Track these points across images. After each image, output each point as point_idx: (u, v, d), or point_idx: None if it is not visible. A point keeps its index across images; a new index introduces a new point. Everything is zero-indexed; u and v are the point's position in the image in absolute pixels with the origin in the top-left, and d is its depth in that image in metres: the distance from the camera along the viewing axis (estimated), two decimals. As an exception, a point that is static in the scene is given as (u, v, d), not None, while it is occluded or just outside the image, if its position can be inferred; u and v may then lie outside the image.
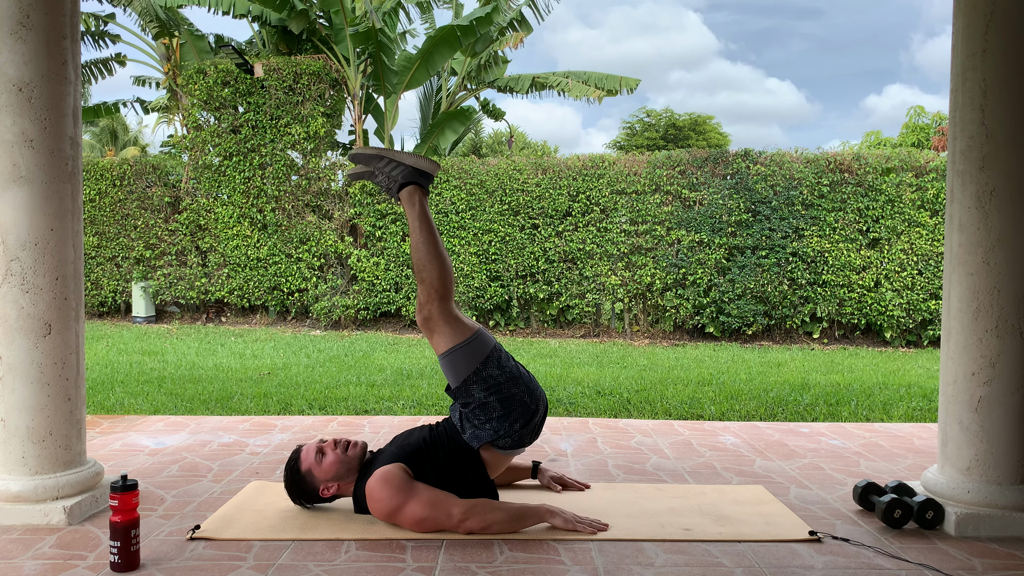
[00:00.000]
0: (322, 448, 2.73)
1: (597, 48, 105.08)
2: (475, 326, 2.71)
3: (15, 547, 2.46)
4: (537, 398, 2.72)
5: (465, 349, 2.65)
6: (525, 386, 2.69)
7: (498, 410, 2.64)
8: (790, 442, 4.03)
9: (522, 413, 2.67)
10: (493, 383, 2.64)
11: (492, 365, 2.65)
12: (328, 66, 10.67)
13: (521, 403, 2.66)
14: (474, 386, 2.64)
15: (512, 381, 2.67)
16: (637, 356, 8.13)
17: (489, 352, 2.67)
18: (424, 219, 2.73)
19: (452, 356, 2.64)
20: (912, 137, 21.62)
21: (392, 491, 2.55)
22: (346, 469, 2.71)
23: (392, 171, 2.81)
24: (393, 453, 2.69)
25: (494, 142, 32.31)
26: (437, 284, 2.65)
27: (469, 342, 2.65)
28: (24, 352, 2.68)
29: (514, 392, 2.66)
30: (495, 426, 2.65)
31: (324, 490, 2.71)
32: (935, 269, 9.45)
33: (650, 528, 2.67)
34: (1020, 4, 2.66)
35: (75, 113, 2.80)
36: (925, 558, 2.45)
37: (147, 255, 11.01)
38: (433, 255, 2.68)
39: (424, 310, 2.66)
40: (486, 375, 2.64)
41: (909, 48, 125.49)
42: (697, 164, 9.89)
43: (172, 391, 5.51)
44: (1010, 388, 2.68)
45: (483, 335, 2.70)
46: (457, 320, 2.67)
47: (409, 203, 2.77)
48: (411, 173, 2.79)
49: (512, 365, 2.71)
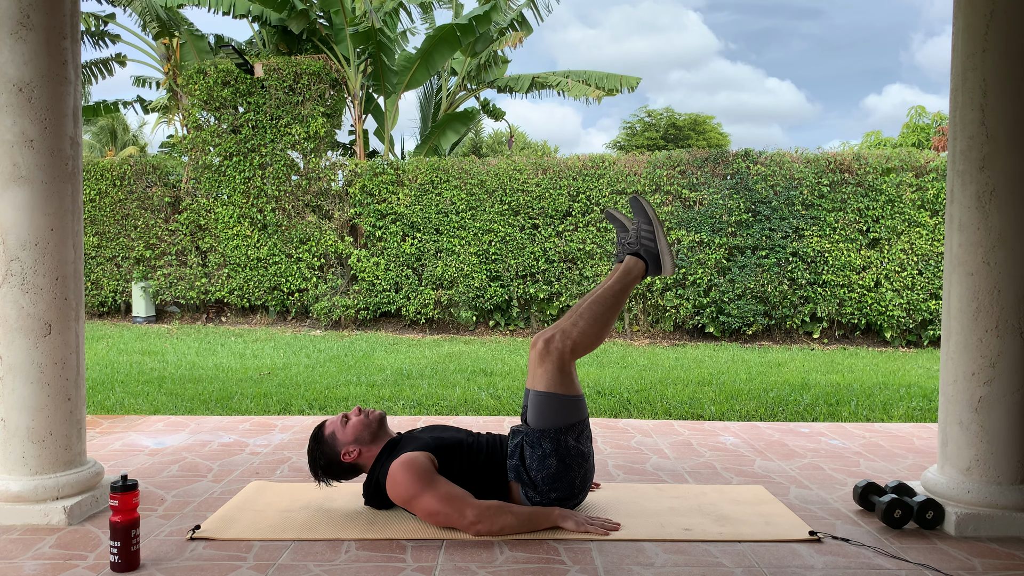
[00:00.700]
0: (347, 415, 2.79)
1: (597, 48, 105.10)
2: (581, 391, 2.74)
3: (15, 547, 2.46)
4: (586, 487, 2.75)
5: (564, 401, 2.66)
6: (586, 471, 2.71)
7: (552, 472, 2.66)
8: (790, 442, 4.03)
9: (566, 489, 2.69)
10: (564, 450, 2.65)
11: (574, 434, 2.67)
12: (328, 66, 10.67)
13: (571, 482, 2.68)
14: (547, 440, 2.65)
15: (580, 459, 2.68)
16: (637, 356, 8.13)
17: (580, 420, 2.69)
18: (625, 291, 2.81)
19: (549, 399, 2.66)
20: (912, 137, 21.62)
21: (414, 478, 2.56)
22: (369, 433, 2.74)
23: (646, 240, 2.90)
24: (426, 442, 2.70)
25: (494, 142, 32.31)
26: (585, 342, 2.70)
27: (571, 400, 2.68)
28: (24, 352, 2.68)
29: (574, 469, 2.67)
30: (538, 479, 2.67)
31: (345, 454, 2.73)
32: (935, 269, 9.45)
33: (650, 528, 2.67)
34: (1020, 4, 2.66)
35: (75, 113, 2.80)
36: (925, 558, 2.45)
37: (147, 255, 11.01)
38: (605, 322, 2.74)
39: (555, 343, 2.67)
40: (564, 440, 2.65)
41: (909, 48, 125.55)
42: (697, 164, 9.89)
43: (172, 391, 5.51)
44: (1010, 388, 2.68)
45: (583, 403, 2.73)
46: (573, 374, 2.71)
47: (627, 273, 2.84)
48: (653, 255, 2.88)
49: (588, 447, 2.73)
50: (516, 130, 33.46)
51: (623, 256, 2.91)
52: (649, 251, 2.88)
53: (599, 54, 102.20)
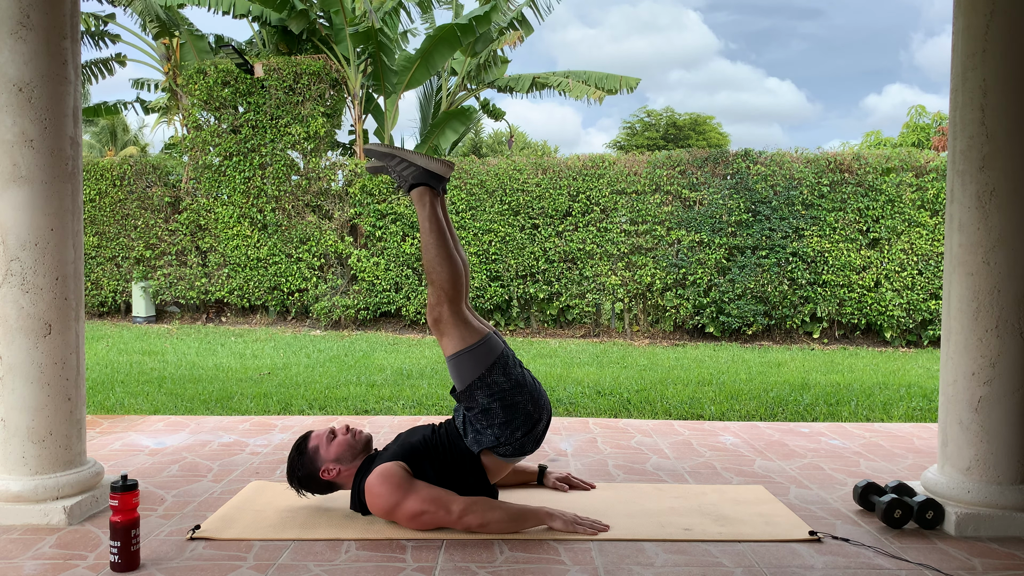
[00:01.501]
0: (334, 431, 2.77)
1: (597, 47, 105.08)
2: (485, 330, 2.70)
3: (15, 547, 2.46)
4: (541, 407, 2.71)
5: (472, 353, 2.63)
6: (530, 394, 2.68)
7: (500, 416, 2.64)
8: (790, 442, 4.03)
9: (524, 421, 2.66)
10: (497, 389, 2.63)
11: (498, 371, 2.64)
12: (328, 66, 10.67)
13: (524, 411, 2.66)
14: (478, 391, 2.63)
15: (517, 388, 2.66)
16: (637, 356, 8.13)
17: (496, 358, 2.66)
18: (434, 220, 2.71)
19: (458, 359, 2.64)
20: (912, 137, 21.63)
21: (391, 488, 2.56)
22: (351, 454, 2.72)
23: (404, 170, 2.80)
24: (395, 451, 2.70)
25: (494, 142, 32.31)
26: (447, 286, 2.64)
27: (477, 346, 2.64)
28: (24, 352, 2.68)
29: (518, 400, 2.65)
30: (496, 432, 2.65)
31: (324, 472, 2.71)
32: (935, 269, 9.45)
33: (650, 528, 2.67)
34: (1020, 4, 2.66)
35: (75, 113, 2.80)
36: (925, 558, 2.45)
37: (147, 255, 11.01)
38: (443, 256, 2.66)
39: (434, 311, 2.65)
40: (491, 381, 2.63)
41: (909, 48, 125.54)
42: (697, 164, 9.88)
43: (172, 391, 5.51)
44: (1010, 388, 2.68)
45: (492, 340, 2.68)
46: (467, 323, 2.66)
47: (419, 203, 2.76)
48: (422, 174, 2.78)
49: (519, 372, 2.70)
50: (516, 130, 33.46)
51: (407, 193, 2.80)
52: (416, 176, 2.78)
53: (599, 54, 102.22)
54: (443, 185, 2.82)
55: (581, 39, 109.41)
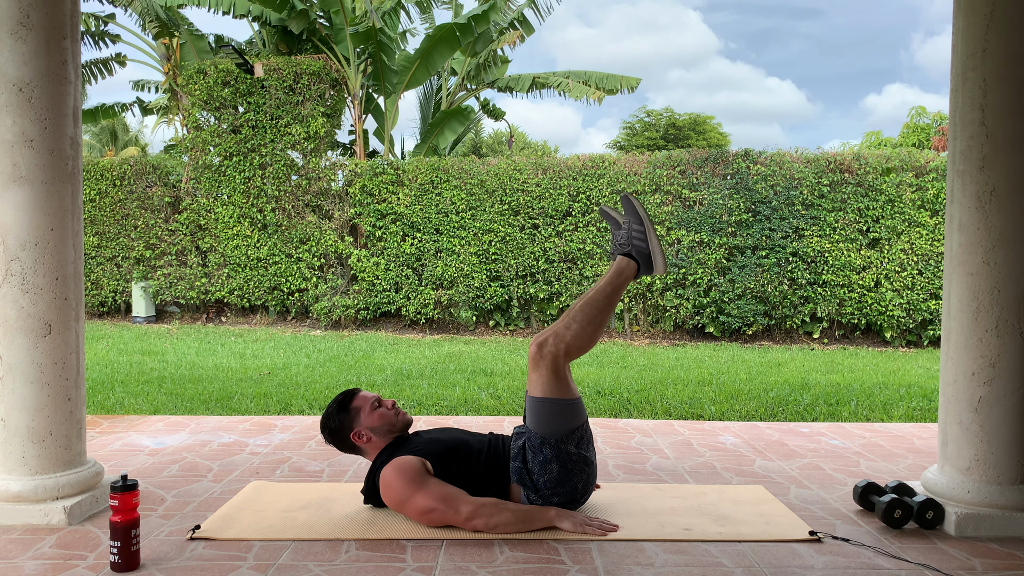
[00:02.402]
0: (380, 400, 2.80)
1: (596, 47, 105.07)
2: (578, 393, 2.73)
3: (15, 547, 2.46)
4: (588, 489, 2.74)
5: (562, 407, 2.66)
6: (588, 475, 2.71)
7: (554, 477, 2.65)
8: (790, 442, 4.03)
9: (569, 493, 2.69)
10: (565, 457, 2.65)
11: (574, 440, 2.67)
12: (328, 66, 10.67)
13: (574, 487, 2.68)
14: (547, 447, 2.65)
15: (581, 465, 2.68)
16: (637, 356, 8.13)
17: (579, 425, 2.68)
18: (616, 295, 2.78)
19: (546, 405, 2.65)
20: (913, 137, 21.63)
21: (405, 481, 2.58)
22: (388, 429, 2.76)
23: (637, 240, 2.88)
24: (423, 446, 2.71)
25: (494, 142, 32.32)
26: (578, 344, 2.68)
27: (568, 403, 2.67)
28: (24, 352, 2.68)
29: (576, 476, 2.67)
30: (539, 483, 2.66)
31: (356, 435, 2.75)
32: (935, 269, 9.45)
33: (650, 528, 2.67)
34: (1020, 4, 2.66)
35: (75, 113, 2.80)
36: (925, 558, 2.45)
37: (147, 255, 11.01)
38: (599, 325, 2.72)
39: (548, 346, 2.66)
40: (564, 447, 2.65)
41: (909, 47, 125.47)
42: (697, 164, 9.89)
43: (172, 391, 5.51)
44: (1010, 388, 2.68)
45: (580, 405, 2.71)
46: (569, 377, 2.70)
47: (619, 272, 2.82)
48: (644, 254, 2.86)
49: (590, 452, 2.72)
50: (516, 130, 33.46)
51: (619, 254, 2.90)
52: (640, 251, 2.86)
53: (598, 53, 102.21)
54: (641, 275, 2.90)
55: (581, 39, 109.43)
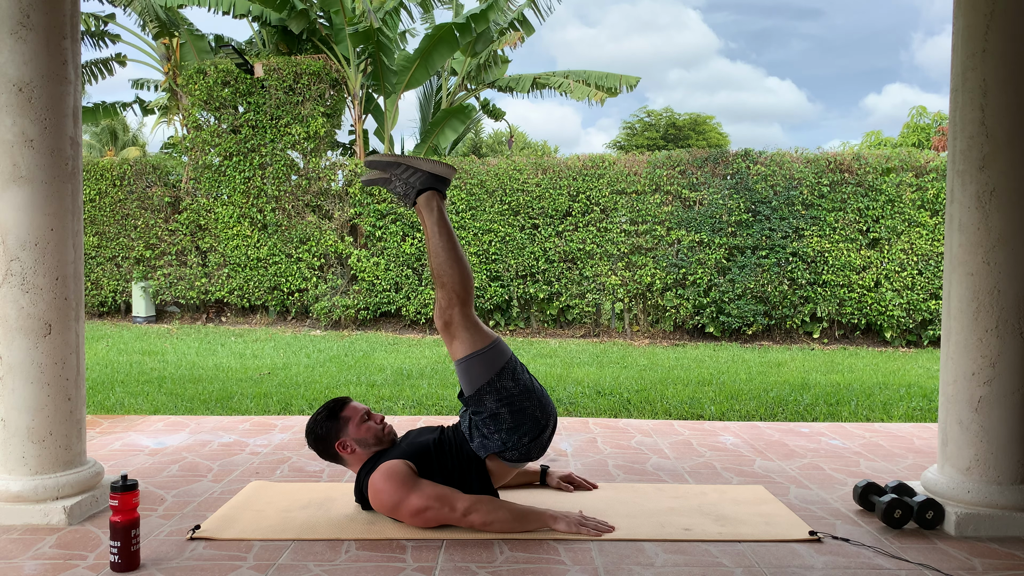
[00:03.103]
0: (370, 413, 2.78)
1: (596, 46, 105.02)
2: (493, 335, 2.71)
3: (15, 547, 2.46)
4: (548, 413, 2.72)
5: (482, 357, 2.64)
6: (538, 400, 2.69)
7: (508, 422, 2.64)
8: (790, 442, 4.03)
9: (532, 427, 2.67)
10: (506, 394, 2.64)
11: (507, 376, 2.65)
12: (328, 66, 10.67)
13: (532, 417, 2.66)
14: (487, 396, 2.64)
15: (525, 394, 2.67)
16: (637, 356, 8.13)
17: (505, 363, 2.67)
18: (443, 224, 2.72)
19: (468, 363, 2.64)
20: (913, 137, 21.63)
21: (395, 485, 2.57)
22: (374, 443, 2.74)
23: (410, 177, 2.80)
24: (402, 450, 2.71)
25: (494, 142, 32.32)
26: (459, 288, 2.65)
27: (486, 350, 2.65)
28: (24, 352, 2.68)
29: (526, 405, 2.66)
30: (503, 438, 2.65)
31: (341, 445, 2.73)
32: (935, 269, 9.45)
33: (650, 528, 2.67)
34: (1020, 4, 2.66)
35: (75, 113, 2.80)
36: (925, 558, 2.45)
37: (147, 255, 11.01)
38: (453, 259, 2.68)
39: (444, 315, 2.65)
40: (500, 386, 2.64)
41: (909, 47, 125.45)
42: (697, 164, 9.89)
43: (172, 391, 5.51)
44: (1010, 388, 2.68)
45: (501, 345, 2.70)
46: (476, 327, 2.67)
47: (427, 208, 2.76)
48: (429, 179, 2.78)
49: (527, 378, 2.71)
50: (516, 130, 33.47)
51: (413, 201, 2.81)
52: (424, 180, 2.78)
53: (598, 53, 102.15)
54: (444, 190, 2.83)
55: (580, 38, 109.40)
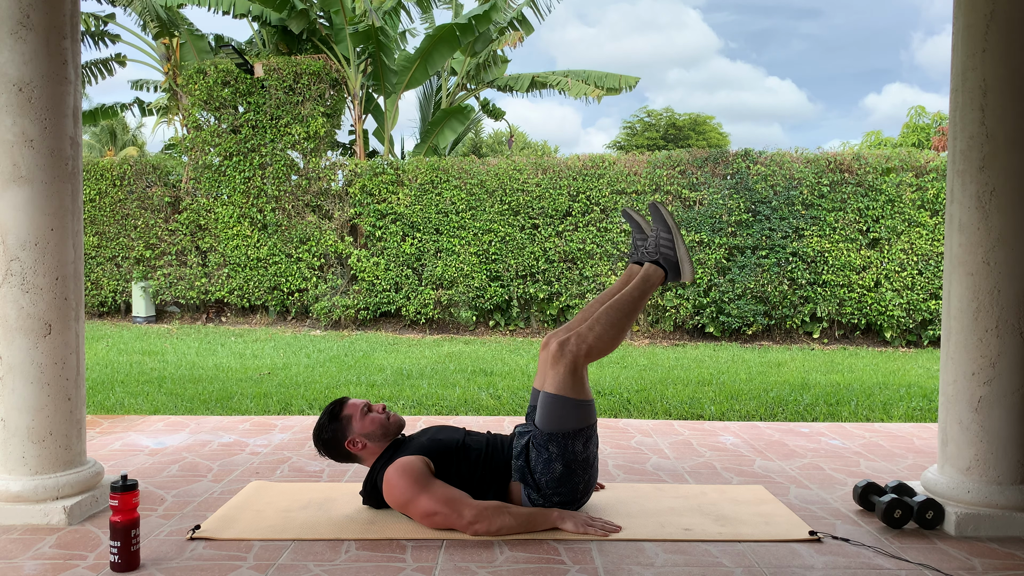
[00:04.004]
0: (370, 405, 2.78)
1: (596, 46, 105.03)
2: (591, 396, 2.74)
3: (15, 547, 2.46)
4: (589, 492, 2.76)
5: (575, 406, 2.66)
6: (591, 476, 2.72)
7: (557, 476, 2.66)
8: (790, 442, 4.03)
9: (569, 494, 2.69)
10: (571, 455, 2.65)
11: (581, 440, 2.67)
12: (328, 66, 10.67)
13: (575, 487, 2.69)
14: (554, 444, 2.65)
15: (585, 465, 2.69)
16: (637, 356, 8.13)
17: (589, 426, 2.69)
18: (642, 302, 2.80)
19: (560, 402, 2.65)
20: (912, 137, 21.63)
21: (409, 482, 2.57)
22: (382, 433, 2.74)
23: (664, 248, 2.91)
24: (422, 445, 2.71)
25: (494, 142, 32.32)
26: (601, 347, 2.70)
27: (581, 404, 2.67)
28: (24, 352, 2.68)
29: (579, 475, 2.68)
30: (542, 484, 2.67)
31: (351, 443, 2.74)
32: (935, 269, 9.45)
33: (650, 528, 2.67)
34: (1020, 4, 2.66)
35: (75, 113, 2.80)
36: (925, 558, 2.45)
37: (147, 255, 11.01)
38: (623, 331, 2.74)
39: (570, 346, 2.66)
40: (572, 446, 2.65)
41: (909, 47, 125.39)
42: (697, 164, 9.89)
43: (172, 391, 5.51)
44: (1010, 388, 2.68)
45: (593, 408, 2.72)
46: (585, 378, 2.71)
47: (646, 280, 2.85)
48: (672, 262, 2.90)
49: (594, 452, 2.73)
50: (516, 130, 33.47)
51: (642, 261, 2.93)
52: (668, 259, 2.90)
53: (598, 53, 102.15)
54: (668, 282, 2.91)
55: (580, 38, 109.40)
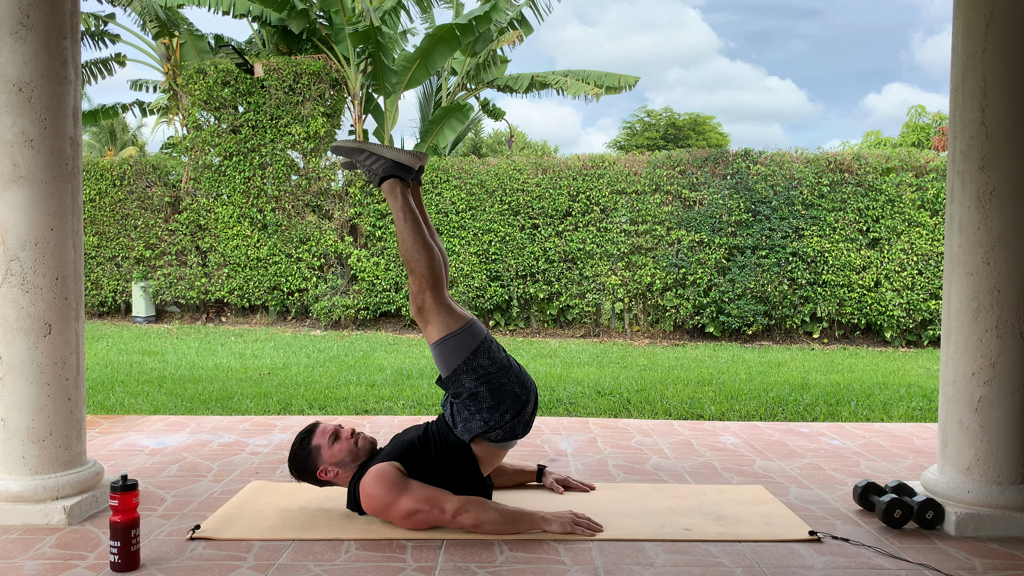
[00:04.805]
0: (338, 433, 2.75)
1: (596, 46, 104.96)
2: (467, 316, 2.73)
3: (15, 547, 2.46)
4: (528, 388, 2.73)
5: (456, 338, 2.66)
6: (515, 376, 2.71)
7: (488, 400, 2.65)
8: (790, 442, 4.03)
9: (513, 403, 2.67)
10: (483, 373, 2.65)
11: (483, 355, 2.67)
12: (328, 66, 10.67)
13: (511, 393, 2.67)
14: (464, 376, 2.65)
15: (502, 371, 2.68)
16: (637, 356, 8.13)
17: (480, 342, 2.68)
18: (407, 210, 2.75)
19: (443, 345, 2.66)
20: (912, 137, 21.63)
21: (385, 488, 2.57)
22: (352, 458, 2.73)
23: (372, 164, 2.84)
24: (389, 452, 2.71)
25: (494, 142, 32.32)
26: (427, 273, 2.68)
27: (460, 332, 2.67)
28: (24, 352, 2.68)
29: (504, 382, 2.67)
30: (485, 417, 2.66)
31: (323, 472, 2.72)
32: (935, 269, 9.45)
33: (650, 528, 2.67)
34: (1020, 4, 2.66)
35: (75, 113, 2.80)
36: (925, 558, 2.45)
37: (147, 255, 11.00)
38: (420, 245, 2.70)
39: (417, 300, 2.68)
40: (476, 364, 2.65)
41: (909, 47, 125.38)
42: (697, 164, 9.89)
43: (172, 391, 5.51)
44: (1010, 388, 2.68)
45: (475, 325, 2.72)
46: (450, 309, 2.69)
47: (391, 195, 2.80)
48: (391, 166, 2.82)
49: (502, 356, 2.73)
50: (516, 130, 33.48)
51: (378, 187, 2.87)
52: (386, 168, 2.82)
53: (598, 52, 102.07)
54: (415, 176, 2.86)
55: (580, 38, 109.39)
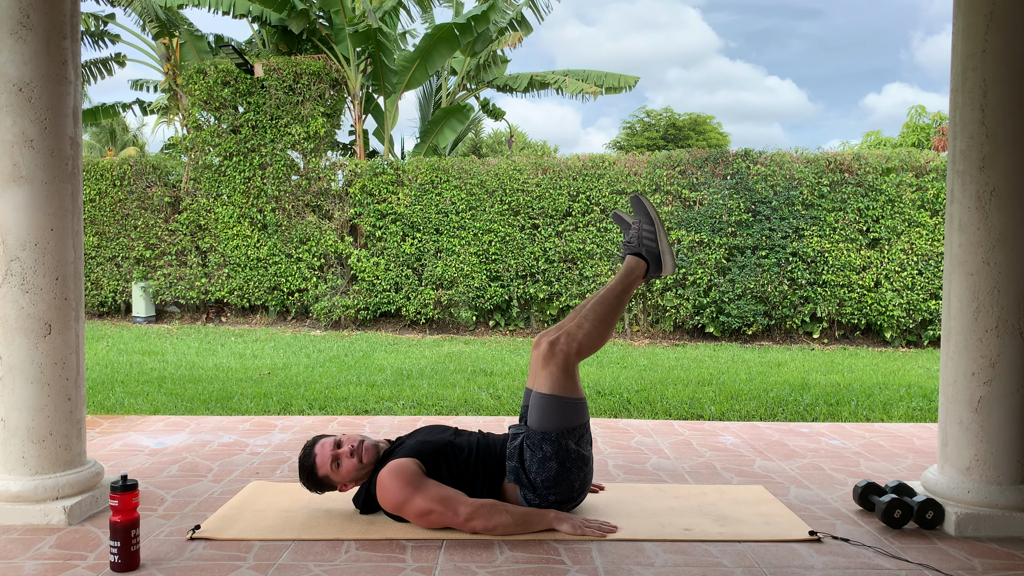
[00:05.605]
0: (337, 457, 2.70)
1: (595, 46, 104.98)
2: (583, 394, 2.73)
3: (15, 547, 2.46)
4: (585, 489, 2.75)
5: (567, 404, 2.66)
6: (586, 475, 2.71)
7: (552, 475, 2.65)
8: (790, 442, 4.03)
9: (566, 493, 2.69)
10: (564, 453, 2.65)
11: (574, 437, 2.67)
12: (328, 66, 10.67)
13: (571, 485, 2.68)
14: (547, 443, 2.64)
15: (580, 462, 2.68)
16: (637, 356, 8.13)
17: (581, 423, 2.69)
18: (627, 292, 2.80)
19: (553, 402, 2.65)
20: (912, 137, 21.63)
21: (402, 484, 2.57)
22: (363, 473, 2.74)
23: (645, 238, 2.90)
24: (412, 447, 2.71)
25: (494, 142, 32.33)
26: (590, 343, 2.70)
27: (574, 402, 2.67)
28: (24, 352, 2.68)
29: (574, 473, 2.67)
30: (538, 484, 2.66)
31: (343, 488, 2.76)
32: (935, 269, 9.45)
33: (650, 528, 2.67)
34: (1020, 4, 2.66)
35: (75, 113, 2.80)
36: (925, 558, 2.45)
37: (147, 255, 11.00)
38: (610, 325, 2.74)
39: (560, 344, 2.67)
40: (564, 443, 2.64)
41: (909, 47, 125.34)
42: (697, 164, 9.89)
43: (172, 391, 5.51)
44: (1010, 388, 2.68)
45: (585, 406, 2.72)
46: (576, 376, 2.70)
47: (628, 270, 2.84)
48: (654, 254, 2.89)
49: (588, 449, 2.72)
50: (516, 130, 33.48)
51: (628, 254, 2.92)
52: (650, 251, 2.88)
53: (597, 52, 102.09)
54: (649, 277, 2.90)
55: (579, 37, 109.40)
